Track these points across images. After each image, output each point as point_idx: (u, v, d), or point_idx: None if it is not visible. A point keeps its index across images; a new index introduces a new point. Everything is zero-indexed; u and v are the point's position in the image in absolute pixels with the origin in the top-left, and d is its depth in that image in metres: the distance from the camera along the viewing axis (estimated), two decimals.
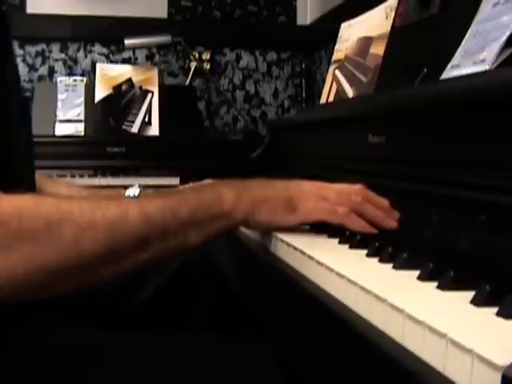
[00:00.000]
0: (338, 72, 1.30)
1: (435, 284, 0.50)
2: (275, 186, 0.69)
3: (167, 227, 0.59)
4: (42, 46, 2.21)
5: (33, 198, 0.53)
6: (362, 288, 0.50)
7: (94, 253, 0.53)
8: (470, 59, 0.78)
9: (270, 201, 0.67)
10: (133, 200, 0.60)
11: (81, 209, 0.54)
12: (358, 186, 0.74)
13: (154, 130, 1.96)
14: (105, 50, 2.27)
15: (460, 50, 0.82)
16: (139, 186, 0.97)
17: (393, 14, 1.12)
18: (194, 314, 1.01)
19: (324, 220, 0.71)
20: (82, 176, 1.76)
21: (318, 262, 0.60)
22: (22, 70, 2.20)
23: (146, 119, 1.96)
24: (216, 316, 1.00)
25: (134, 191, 0.95)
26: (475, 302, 0.45)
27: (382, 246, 0.62)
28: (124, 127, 1.94)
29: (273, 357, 0.68)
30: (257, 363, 0.66)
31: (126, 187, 0.98)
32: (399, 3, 1.11)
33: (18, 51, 2.19)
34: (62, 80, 1.97)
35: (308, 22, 2.41)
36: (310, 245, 0.67)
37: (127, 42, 2.02)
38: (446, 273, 0.50)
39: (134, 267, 0.59)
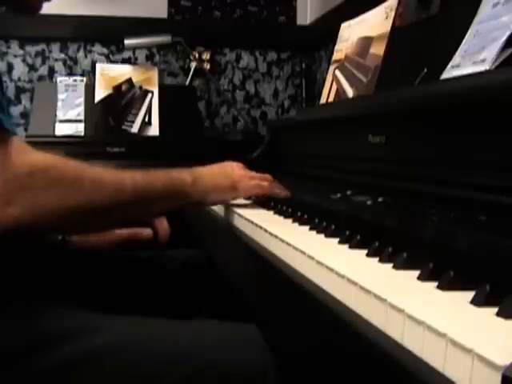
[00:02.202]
0: (337, 72, 1.30)
1: (435, 284, 0.50)
2: (219, 174, 0.92)
3: (148, 194, 0.80)
4: (42, 46, 2.21)
5: (62, 157, 0.71)
6: (362, 288, 0.50)
7: (101, 202, 0.73)
8: (470, 59, 0.78)
9: (217, 186, 0.90)
10: (127, 172, 0.79)
11: (96, 171, 0.74)
12: (266, 175, 1.00)
13: (153, 130, 1.96)
14: (105, 50, 2.27)
15: (460, 50, 0.82)
16: None
17: (393, 14, 1.12)
18: (198, 309, 1.03)
19: (257, 193, 0.98)
20: None
21: (318, 262, 0.60)
22: (22, 69, 2.20)
23: (146, 119, 1.96)
24: (218, 313, 1.02)
25: None
26: (475, 302, 0.45)
27: (382, 245, 0.62)
28: (124, 127, 1.94)
29: (272, 358, 0.69)
30: (252, 356, 0.69)
31: None
32: (399, 3, 1.11)
33: (18, 51, 2.19)
34: (62, 80, 1.97)
35: (308, 21, 2.41)
36: (310, 245, 0.67)
37: (127, 42, 2.02)
38: (445, 273, 0.50)
39: (121, 216, 0.81)
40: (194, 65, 2.28)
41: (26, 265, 0.78)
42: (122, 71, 2.01)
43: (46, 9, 0.94)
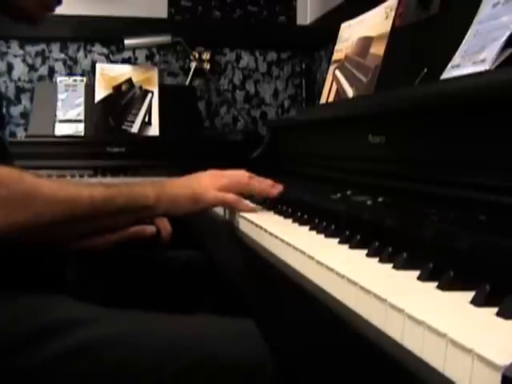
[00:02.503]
0: (338, 72, 1.30)
1: (435, 284, 0.50)
2: (183, 186, 0.91)
3: (107, 209, 0.80)
4: (42, 46, 2.21)
5: (18, 172, 0.71)
6: (362, 288, 0.50)
7: (54, 218, 0.73)
8: (470, 59, 0.78)
9: (180, 199, 0.89)
10: (85, 186, 0.78)
11: (50, 187, 0.73)
12: (243, 176, 0.97)
13: (153, 130, 1.96)
14: (105, 50, 2.27)
15: (460, 50, 0.82)
16: None
17: (393, 14, 1.12)
18: (198, 309, 1.04)
19: (222, 205, 0.97)
20: (81, 176, 1.76)
21: (318, 262, 0.60)
22: (22, 69, 2.20)
23: (146, 119, 1.96)
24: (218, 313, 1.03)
25: None
26: (475, 302, 0.45)
27: (382, 246, 0.62)
28: (124, 127, 1.94)
29: (272, 357, 0.69)
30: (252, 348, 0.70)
31: None
32: (399, 3, 1.11)
33: (18, 51, 2.19)
34: (61, 80, 1.97)
35: (308, 21, 2.41)
36: (310, 245, 0.67)
37: (127, 41, 2.02)
38: (445, 273, 0.50)
39: (80, 230, 0.80)
40: (194, 65, 2.28)
41: (25, 258, 0.79)
42: (122, 71, 2.01)
43: None
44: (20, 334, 0.65)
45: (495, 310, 0.43)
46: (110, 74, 1.99)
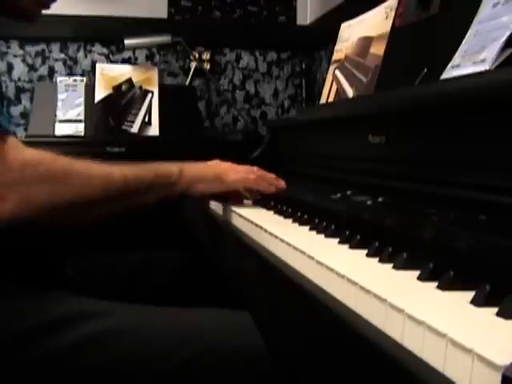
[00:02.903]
0: (338, 72, 1.30)
1: (435, 284, 0.50)
2: (205, 166, 0.96)
3: (138, 186, 0.84)
4: (42, 46, 2.21)
5: (51, 153, 0.74)
6: (362, 288, 0.50)
7: (91, 195, 0.76)
8: (470, 59, 0.78)
9: (203, 177, 0.94)
10: (116, 166, 0.82)
11: (83, 166, 0.77)
12: (253, 167, 1.02)
13: (153, 130, 1.96)
14: (105, 50, 2.27)
15: (460, 50, 0.82)
16: None
17: (393, 14, 1.12)
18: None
19: (244, 186, 0.99)
20: None
21: (318, 262, 0.60)
22: (22, 69, 2.20)
23: (146, 119, 1.96)
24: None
25: None
26: (475, 302, 0.45)
27: (382, 246, 0.62)
28: (124, 127, 1.94)
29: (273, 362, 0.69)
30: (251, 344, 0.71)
31: None
32: (399, 3, 1.11)
33: (18, 51, 2.19)
34: (62, 80, 1.97)
35: (308, 21, 2.41)
36: (310, 245, 0.67)
37: (127, 42, 2.02)
38: (445, 273, 0.50)
39: (112, 208, 0.82)
40: (194, 65, 2.28)
41: (26, 255, 0.80)
42: (122, 71, 2.01)
43: None
44: (24, 331, 0.66)
45: (495, 309, 0.43)
46: (110, 74, 1.99)
